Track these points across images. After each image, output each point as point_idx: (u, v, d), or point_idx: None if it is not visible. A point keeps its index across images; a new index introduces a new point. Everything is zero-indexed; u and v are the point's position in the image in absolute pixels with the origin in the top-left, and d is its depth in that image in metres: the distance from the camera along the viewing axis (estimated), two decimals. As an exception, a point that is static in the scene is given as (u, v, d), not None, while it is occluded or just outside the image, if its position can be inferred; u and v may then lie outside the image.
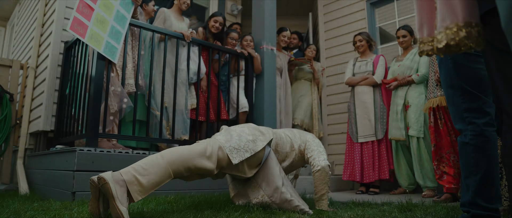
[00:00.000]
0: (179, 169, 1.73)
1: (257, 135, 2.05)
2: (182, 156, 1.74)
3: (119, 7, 2.88)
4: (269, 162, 2.06)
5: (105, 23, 2.74)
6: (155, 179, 1.63)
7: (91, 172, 2.48)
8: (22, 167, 3.71)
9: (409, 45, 3.80)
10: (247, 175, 2.02)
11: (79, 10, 2.56)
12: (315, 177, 2.22)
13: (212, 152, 1.84)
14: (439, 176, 2.95)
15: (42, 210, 1.89)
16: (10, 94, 4.15)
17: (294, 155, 2.35)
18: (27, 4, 5.35)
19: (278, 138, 2.30)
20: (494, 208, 1.42)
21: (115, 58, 2.82)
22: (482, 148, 1.44)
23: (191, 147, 1.83)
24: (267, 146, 2.08)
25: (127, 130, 3.18)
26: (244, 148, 1.92)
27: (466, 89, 1.48)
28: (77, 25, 2.52)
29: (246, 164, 1.97)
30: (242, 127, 2.11)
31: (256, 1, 4.17)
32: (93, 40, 2.62)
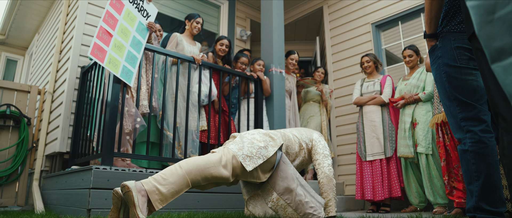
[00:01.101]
0: (197, 178, 1.79)
1: (268, 140, 2.12)
2: (199, 165, 1.81)
3: (135, 33, 3.03)
4: (281, 166, 2.13)
5: (122, 48, 2.88)
6: (174, 188, 1.69)
7: (107, 189, 2.55)
8: (37, 188, 3.80)
9: (415, 65, 3.88)
10: (262, 179, 2.08)
11: (99, 36, 2.70)
12: (321, 185, 2.28)
13: (226, 161, 1.91)
14: (449, 191, 2.96)
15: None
16: (28, 118, 4.30)
17: (303, 153, 2.43)
18: (46, 33, 5.60)
19: (287, 140, 2.38)
20: (499, 211, 1.45)
21: (131, 81, 2.94)
22: (482, 153, 1.49)
23: (207, 157, 1.90)
24: (279, 150, 2.15)
25: (140, 150, 3.26)
26: (256, 155, 1.99)
27: (461, 99, 1.55)
28: (97, 50, 2.66)
29: (260, 169, 2.03)
30: (253, 133, 2.18)
31: (264, 26, 4.31)
32: (111, 64, 2.75)
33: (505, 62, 0.75)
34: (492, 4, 0.78)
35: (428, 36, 1.71)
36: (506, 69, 0.75)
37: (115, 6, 2.87)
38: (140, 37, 3.07)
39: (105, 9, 2.80)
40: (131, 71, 2.95)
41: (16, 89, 4.37)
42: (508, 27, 0.74)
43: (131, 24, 2.99)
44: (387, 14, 4.81)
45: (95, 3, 4.14)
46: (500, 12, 0.76)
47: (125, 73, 2.87)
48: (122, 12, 2.92)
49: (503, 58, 0.76)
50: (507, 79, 0.74)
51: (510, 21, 0.74)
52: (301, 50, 7.11)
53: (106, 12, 2.78)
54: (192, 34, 3.92)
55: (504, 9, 0.76)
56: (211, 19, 5.49)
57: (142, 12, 3.17)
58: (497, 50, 0.77)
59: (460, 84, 1.56)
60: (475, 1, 0.83)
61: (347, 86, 5.10)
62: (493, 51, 0.78)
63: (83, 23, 3.99)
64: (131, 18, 3.01)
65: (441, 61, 1.62)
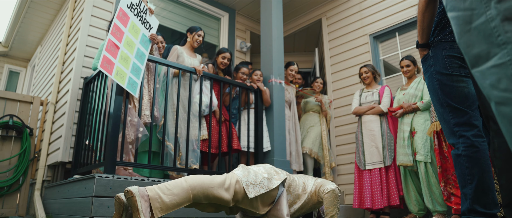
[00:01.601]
0: (199, 195, 1.84)
1: (272, 173, 2.18)
2: (204, 183, 1.86)
3: (139, 45, 3.11)
4: (281, 200, 2.16)
5: (128, 60, 2.95)
6: (176, 199, 1.74)
7: (109, 197, 2.58)
8: (39, 198, 3.83)
9: (413, 75, 3.95)
10: (260, 212, 2.11)
11: (107, 49, 2.78)
12: (325, 199, 2.30)
13: (230, 184, 1.96)
14: (447, 197, 3.00)
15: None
16: (30, 129, 4.35)
17: (306, 197, 2.43)
18: (49, 45, 5.68)
19: (291, 180, 2.41)
20: (492, 213, 1.50)
21: (136, 92, 3.01)
22: (474, 157, 1.54)
23: (212, 177, 1.95)
24: (281, 186, 2.20)
25: (141, 159, 3.31)
26: (259, 184, 2.04)
27: (454, 106, 1.61)
28: (106, 63, 2.73)
29: (260, 200, 2.07)
30: (259, 166, 2.24)
31: (264, 38, 4.39)
32: (118, 76, 2.82)
33: (482, 68, 0.81)
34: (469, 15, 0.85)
35: (421, 46, 1.77)
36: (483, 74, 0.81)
37: (122, 19, 2.95)
38: (143, 49, 3.14)
39: (113, 23, 2.87)
40: (136, 83, 3.02)
41: (19, 100, 4.44)
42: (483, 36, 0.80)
43: (135, 36, 3.07)
44: (385, 25, 4.90)
45: (98, 15, 4.23)
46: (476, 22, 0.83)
47: (130, 84, 2.94)
48: (128, 25, 3.00)
49: (481, 64, 0.82)
50: (485, 83, 0.80)
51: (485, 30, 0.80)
52: (300, 61, 7.19)
53: (114, 25, 2.86)
54: (193, 47, 3.99)
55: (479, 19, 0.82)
56: (212, 31, 5.58)
57: (145, 24, 3.25)
58: (475, 56, 0.83)
59: (452, 91, 1.62)
60: (455, 12, 0.89)
61: (346, 97, 5.16)
62: (472, 58, 0.84)
63: (86, 35, 4.07)
64: (136, 31, 3.09)
65: (434, 69, 1.69)
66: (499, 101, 0.78)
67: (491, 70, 0.80)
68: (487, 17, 0.80)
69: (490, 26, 0.79)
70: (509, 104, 0.76)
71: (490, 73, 0.80)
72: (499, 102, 0.78)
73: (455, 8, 0.90)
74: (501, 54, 0.77)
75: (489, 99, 0.81)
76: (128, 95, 3.05)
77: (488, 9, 0.80)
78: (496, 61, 0.79)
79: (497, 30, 0.78)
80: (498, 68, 0.78)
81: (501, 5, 0.78)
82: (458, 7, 0.89)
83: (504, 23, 0.77)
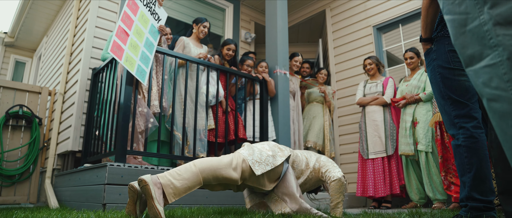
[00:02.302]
0: (209, 177, 1.92)
1: (276, 151, 2.25)
2: (212, 165, 1.95)
3: (148, 34, 3.17)
4: (288, 176, 2.24)
5: (137, 48, 3.02)
6: (187, 183, 1.82)
7: (121, 185, 2.68)
8: (50, 186, 3.94)
9: (416, 66, 4.00)
10: (267, 188, 2.19)
11: (117, 34, 2.84)
12: (331, 187, 2.38)
13: (237, 163, 2.04)
14: (447, 186, 3.10)
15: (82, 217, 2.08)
16: (39, 118, 4.44)
17: (309, 172, 2.51)
18: (55, 36, 5.75)
19: (295, 156, 2.48)
20: (489, 200, 1.59)
21: (145, 80, 3.08)
22: (473, 148, 1.62)
23: (219, 158, 2.03)
24: (285, 162, 2.27)
25: (150, 149, 3.40)
26: (265, 161, 2.12)
27: (454, 98, 1.68)
28: (116, 48, 2.80)
29: (266, 177, 2.15)
30: (263, 144, 2.32)
31: (269, 29, 4.44)
32: (128, 63, 2.88)
33: (475, 67, 0.90)
34: (464, 18, 0.92)
35: (424, 40, 1.84)
36: (476, 73, 0.89)
37: (131, 7, 3.01)
38: (152, 39, 3.21)
39: (123, 10, 2.93)
40: (145, 71, 3.09)
41: (28, 91, 4.52)
42: (477, 38, 0.88)
43: (144, 26, 3.14)
44: (388, 17, 4.94)
45: (105, 6, 4.28)
46: (470, 25, 0.91)
47: (139, 72, 3.01)
48: (137, 14, 3.06)
49: (474, 64, 0.90)
50: (478, 81, 0.89)
51: (478, 33, 0.88)
52: (304, 52, 7.24)
53: (124, 13, 2.92)
54: (199, 38, 4.05)
55: (473, 23, 0.90)
56: (217, 22, 5.63)
57: (154, 15, 3.31)
58: (469, 56, 0.91)
59: (453, 84, 1.69)
60: (451, 16, 0.97)
61: (350, 87, 5.22)
62: (466, 58, 0.92)
63: (94, 26, 4.13)
64: (145, 20, 3.15)
65: (436, 63, 1.75)
66: (491, 98, 0.86)
67: (483, 69, 0.88)
68: (480, 21, 0.88)
69: (483, 29, 0.87)
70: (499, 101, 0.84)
71: (482, 73, 0.88)
72: (490, 99, 0.86)
73: (451, 11, 0.98)
74: (492, 55, 0.85)
75: (482, 96, 0.89)
76: (137, 86, 3.12)
77: (481, 14, 0.88)
78: (488, 61, 0.87)
79: (489, 34, 0.86)
80: (490, 68, 0.86)
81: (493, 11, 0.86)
82: (454, 11, 0.96)
83: (495, 27, 0.85)
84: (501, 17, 0.85)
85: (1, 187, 4.07)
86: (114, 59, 3.33)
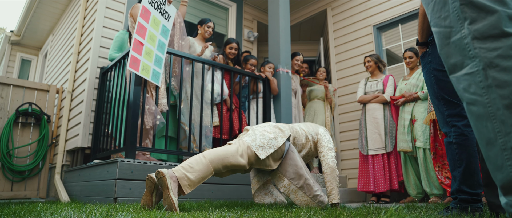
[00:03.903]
0: (218, 166, 2.07)
1: (277, 132, 2.41)
2: (220, 155, 2.09)
3: (160, 36, 3.29)
4: (290, 154, 2.41)
5: (151, 53, 3.15)
6: (200, 174, 1.97)
7: (131, 180, 2.81)
8: (60, 181, 4.07)
9: (415, 65, 4.12)
10: (273, 167, 2.37)
11: (134, 48, 2.98)
12: (325, 175, 2.53)
13: (243, 151, 2.20)
14: (441, 180, 3.24)
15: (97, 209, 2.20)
16: (47, 116, 4.57)
17: (309, 145, 2.68)
18: (61, 34, 5.86)
19: (295, 132, 2.64)
20: (476, 192, 1.72)
21: (159, 82, 3.22)
22: (463, 144, 1.75)
23: (226, 148, 2.18)
24: (287, 141, 2.44)
25: (159, 145, 3.53)
26: (268, 145, 2.28)
27: (447, 99, 1.81)
28: (133, 62, 2.94)
29: (271, 158, 2.32)
30: (264, 126, 2.47)
31: (272, 28, 4.55)
32: (144, 71, 3.03)
33: (457, 74, 1.03)
34: (448, 31, 1.06)
35: (420, 44, 1.96)
36: (458, 79, 1.02)
37: (144, 16, 3.13)
38: (163, 39, 3.34)
39: (137, 22, 3.04)
40: (159, 73, 3.23)
41: (36, 89, 4.65)
42: (458, 49, 1.02)
43: (156, 29, 3.26)
44: (388, 16, 5.05)
45: (112, 7, 4.40)
46: (453, 38, 1.04)
47: (154, 75, 3.15)
48: (150, 20, 3.17)
49: (456, 71, 1.03)
50: (459, 87, 1.02)
51: (460, 45, 1.02)
52: (305, 50, 7.35)
53: (138, 24, 3.03)
54: (204, 38, 4.17)
55: (456, 36, 1.03)
56: (220, 21, 5.74)
57: (164, 15, 3.42)
58: (452, 65, 1.05)
59: (446, 86, 1.81)
60: (437, 28, 1.11)
61: (350, 85, 5.34)
62: (450, 66, 1.06)
63: (101, 26, 4.24)
64: (156, 23, 3.27)
65: (431, 66, 1.87)
66: (469, 102, 1.00)
67: (464, 77, 1.02)
68: (461, 34, 1.02)
69: (464, 42, 1.01)
70: (476, 105, 0.98)
71: (463, 80, 1.02)
72: (469, 103, 1.00)
73: (437, 24, 1.11)
74: (471, 65, 1.00)
75: (462, 100, 1.04)
76: (146, 85, 3.24)
77: (462, 28, 1.02)
78: (467, 70, 1.01)
79: (469, 46, 1.00)
80: (469, 76, 1.00)
81: (472, 26, 1.00)
82: (440, 24, 1.10)
83: (474, 41, 0.99)
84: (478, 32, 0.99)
85: (12, 182, 4.21)
86: (122, 59, 3.45)
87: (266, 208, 2.21)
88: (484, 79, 0.96)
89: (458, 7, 1.04)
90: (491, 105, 0.96)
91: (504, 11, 1.01)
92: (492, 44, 0.97)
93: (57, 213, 1.66)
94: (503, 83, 0.96)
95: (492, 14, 0.99)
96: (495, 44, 0.97)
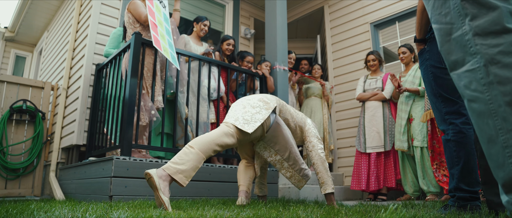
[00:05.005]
0: (208, 151, 2.04)
1: (261, 106, 2.38)
2: (208, 141, 2.07)
3: (165, 23, 3.33)
4: (277, 126, 2.41)
5: (164, 37, 3.21)
6: (192, 163, 1.94)
7: (126, 178, 2.78)
8: (55, 178, 4.04)
9: (410, 61, 4.11)
10: (259, 139, 2.39)
11: (153, 28, 3.02)
12: (316, 166, 2.51)
13: (228, 131, 2.17)
14: (439, 178, 3.24)
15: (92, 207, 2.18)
16: (42, 113, 4.52)
17: (295, 124, 2.66)
18: (56, 31, 5.81)
19: (282, 105, 2.62)
20: (474, 190, 1.71)
21: (178, 65, 3.24)
22: (461, 142, 1.74)
23: (211, 132, 2.15)
24: (273, 113, 2.42)
25: (155, 142, 3.50)
26: (253, 119, 2.25)
27: (445, 96, 1.80)
28: (155, 41, 2.97)
29: (260, 129, 2.30)
30: (248, 99, 2.45)
31: (269, 26, 4.53)
32: (165, 52, 3.06)
33: (458, 71, 1.01)
34: (449, 28, 1.04)
35: (418, 41, 1.95)
36: (459, 76, 1.01)
37: (151, 1, 3.20)
38: (167, 26, 3.35)
39: (147, 6, 3.12)
40: (175, 57, 3.24)
41: (30, 85, 4.60)
42: (460, 46, 1.00)
43: (160, 14, 3.32)
44: (385, 14, 5.04)
45: (108, 4, 4.35)
46: (454, 35, 1.02)
47: (173, 58, 3.16)
48: (154, 6, 3.23)
49: (457, 68, 1.02)
50: (460, 84, 1.01)
51: (461, 42, 1.00)
52: (302, 47, 7.34)
53: (148, 8, 3.11)
54: (199, 36, 4.14)
55: (457, 32, 1.02)
56: (217, 18, 5.71)
57: (161, 3, 3.43)
58: (453, 62, 1.03)
59: (444, 83, 1.80)
60: (438, 25, 1.09)
61: (347, 83, 5.33)
62: (451, 63, 1.04)
63: (97, 22, 4.20)
64: (159, 10, 3.31)
65: (428, 63, 1.86)
66: (470, 99, 0.98)
67: (465, 74, 1.00)
68: (462, 31, 1.01)
69: (465, 38, 1.00)
70: (477, 102, 0.97)
71: (464, 76, 1.00)
72: (470, 100, 0.99)
73: (438, 21, 1.09)
74: (472, 61, 0.98)
75: (463, 97, 1.02)
76: (141, 81, 3.21)
77: (463, 25, 1.01)
78: (468, 67, 0.99)
79: (470, 42, 0.98)
80: (470, 73, 0.98)
81: (473, 23, 0.98)
82: (441, 21, 1.08)
83: (475, 38, 0.98)
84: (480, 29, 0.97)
85: (6, 180, 4.17)
86: (118, 56, 3.42)
87: (263, 206, 2.19)
88: (486, 76, 0.95)
89: (459, 3, 1.03)
90: (493, 102, 0.95)
91: (506, 7, 0.99)
92: (493, 41, 0.96)
93: (51, 211, 1.64)
94: (504, 80, 0.95)
95: (494, 10, 0.98)
96: (496, 40, 0.96)
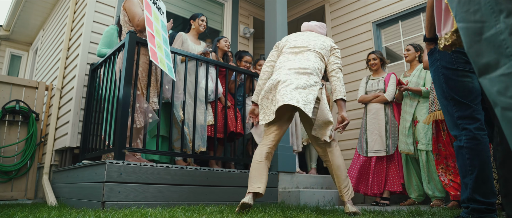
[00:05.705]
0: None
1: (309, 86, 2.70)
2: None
3: (162, 31, 3.19)
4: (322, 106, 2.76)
5: (161, 47, 3.06)
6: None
7: (120, 183, 2.66)
8: (48, 182, 3.92)
9: (414, 59, 3.99)
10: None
11: (150, 40, 2.88)
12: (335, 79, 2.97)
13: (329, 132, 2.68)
14: (445, 182, 3.13)
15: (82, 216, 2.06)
16: (36, 114, 4.41)
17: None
18: (52, 30, 5.69)
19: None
20: (490, 202, 1.59)
21: (174, 76, 3.12)
22: (475, 149, 1.62)
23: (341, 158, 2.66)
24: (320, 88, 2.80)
25: (150, 145, 3.38)
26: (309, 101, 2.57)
27: (458, 99, 1.68)
28: (152, 54, 2.83)
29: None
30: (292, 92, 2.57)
31: (268, 25, 4.41)
32: (161, 64, 2.94)
33: (491, 75, 0.89)
34: (479, 27, 0.92)
35: (428, 40, 1.83)
36: (492, 81, 0.88)
37: (148, 8, 3.05)
38: (165, 34, 3.23)
39: (145, 14, 2.96)
40: (171, 67, 3.12)
41: (24, 85, 4.49)
42: (493, 47, 0.88)
43: (158, 23, 3.17)
44: (388, 13, 4.92)
45: (103, 1, 4.23)
46: (486, 34, 0.90)
47: (169, 69, 3.03)
48: (152, 14, 3.08)
49: (490, 72, 0.89)
50: (492, 89, 0.88)
51: (494, 42, 0.87)
52: (302, 47, 7.20)
53: (146, 17, 2.96)
54: (199, 32, 4.02)
55: (489, 31, 0.89)
56: (215, 17, 5.59)
57: (159, 10, 3.30)
58: (485, 65, 0.90)
59: (457, 85, 1.68)
60: (464, 23, 0.96)
61: (349, 83, 5.21)
62: (481, 66, 0.92)
63: (92, 21, 4.09)
64: (156, 18, 3.17)
65: (439, 63, 1.74)
66: (506, 107, 0.85)
67: (499, 78, 0.87)
68: (496, 30, 0.88)
69: (500, 38, 0.87)
70: None
71: (498, 81, 0.87)
72: (505, 108, 0.85)
73: (465, 19, 0.97)
74: (509, 64, 0.85)
75: (495, 105, 0.88)
76: (136, 82, 3.10)
77: (497, 23, 0.88)
78: (504, 70, 0.86)
79: (506, 43, 0.85)
80: (506, 77, 0.85)
81: (509, 20, 0.86)
82: (468, 19, 0.96)
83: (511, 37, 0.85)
84: None
85: (-2, 183, 4.05)
86: (112, 55, 3.30)
87: (261, 212, 2.08)
88: None
89: None
90: None
91: None
92: None
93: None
94: None
95: None
96: None
